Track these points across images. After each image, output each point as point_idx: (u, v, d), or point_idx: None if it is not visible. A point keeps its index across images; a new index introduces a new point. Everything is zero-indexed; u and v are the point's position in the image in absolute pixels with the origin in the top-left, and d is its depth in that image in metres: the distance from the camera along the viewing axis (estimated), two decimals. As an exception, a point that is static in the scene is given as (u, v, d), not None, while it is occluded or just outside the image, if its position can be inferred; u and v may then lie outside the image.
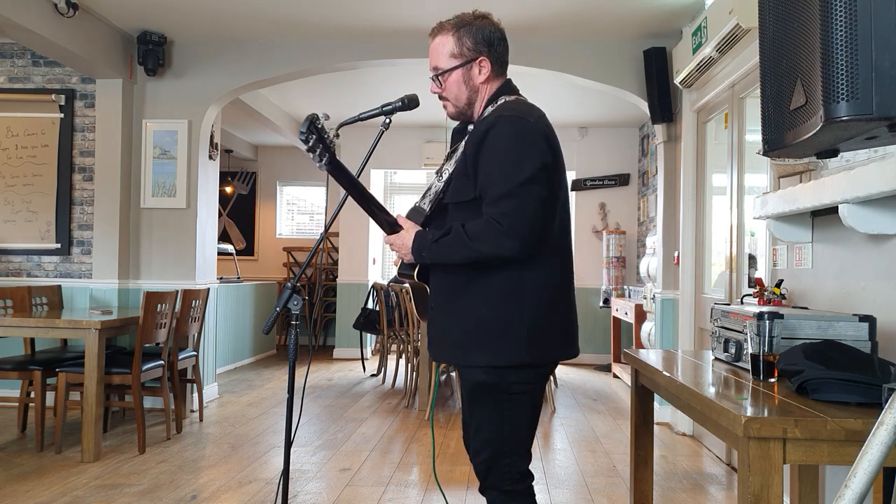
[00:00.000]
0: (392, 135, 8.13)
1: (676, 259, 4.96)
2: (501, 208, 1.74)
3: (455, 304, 1.88)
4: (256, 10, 4.68)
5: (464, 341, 1.86)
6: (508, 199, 1.74)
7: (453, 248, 1.79)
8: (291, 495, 3.40)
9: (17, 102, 5.35)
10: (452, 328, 1.89)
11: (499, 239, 1.73)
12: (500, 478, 1.91)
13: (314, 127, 1.74)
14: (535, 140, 1.80)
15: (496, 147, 1.78)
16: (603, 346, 8.14)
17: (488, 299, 1.83)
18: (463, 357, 1.88)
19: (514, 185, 1.74)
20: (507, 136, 1.78)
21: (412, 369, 5.78)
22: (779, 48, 1.32)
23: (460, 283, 1.86)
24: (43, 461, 3.85)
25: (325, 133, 1.77)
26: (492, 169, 1.78)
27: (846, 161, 2.35)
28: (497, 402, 1.87)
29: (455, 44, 1.92)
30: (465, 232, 1.77)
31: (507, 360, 1.82)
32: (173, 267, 5.24)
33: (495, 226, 1.73)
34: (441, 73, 1.94)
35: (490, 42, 1.92)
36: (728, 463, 4.04)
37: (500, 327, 1.82)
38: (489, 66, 1.93)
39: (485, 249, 1.75)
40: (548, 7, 4.55)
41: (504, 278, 1.82)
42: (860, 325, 2.03)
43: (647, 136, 7.56)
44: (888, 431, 1.10)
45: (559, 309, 1.90)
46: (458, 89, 1.95)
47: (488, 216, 1.75)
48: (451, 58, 1.93)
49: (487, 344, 1.83)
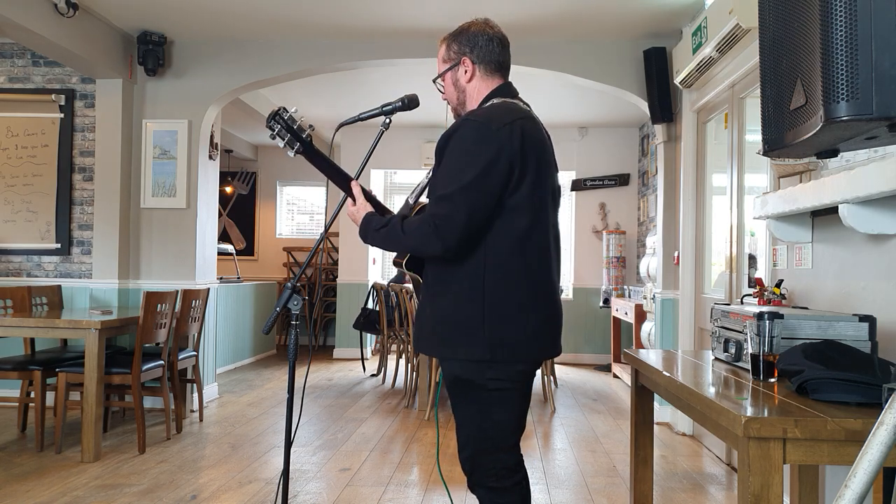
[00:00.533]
0: (392, 135, 8.14)
1: (676, 259, 4.96)
2: (435, 210, 1.83)
3: (433, 300, 1.95)
4: (256, 10, 4.68)
5: (437, 335, 1.93)
6: (444, 202, 1.82)
7: (388, 238, 1.92)
8: (291, 495, 3.40)
9: (17, 102, 5.35)
10: (428, 321, 1.96)
11: (426, 238, 1.83)
12: (485, 475, 1.92)
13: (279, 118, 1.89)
14: (488, 148, 1.82)
15: (451, 149, 1.87)
16: (603, 346, 8.14)
17: (457, 297, 1.89)
18: (437, 350, 1.95)
19: (453, 190, 1.81)
20: (462, 140, 1.86)
21: (412, 369, 5.78)
22: (779, 48, 1.32)
23: (436, 278, 1.95)
24: (43, 461, 3.85)
25: (295, 122, 1.92)
26: (442, 171, 1.87)
27: (846, 161, 2.35)
28: (475, 399, 1.90)
29: (445, 50, 2.06)
30: (402, 226, 1.88)
31: (472, 356, 1.87)
32: (173, 267, 5.24)
33: (427, 226, 1.83)
34: (436, 79, 2.10)
35: (474, 43, 2.01)
36: (728, 463, 4.04)
37: (464, 325, 1.88)
38: (472, 67, 2.02)
39: (412, 245, 1.88)
40: (548, 7, 4.55)
41: (468, 277, 1.88)
42: (860, 325, 2.03)
43: (647, 136, 7.56)
44: (888, 431, 1.10)
45: (529, 309, 1.88)
46: (449, 92, 2.08)
47: (425, 215, 1.86)
48: (442, 62, 2.07)
49: (454, 339, 1.89)
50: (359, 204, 2.03)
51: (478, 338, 1.85)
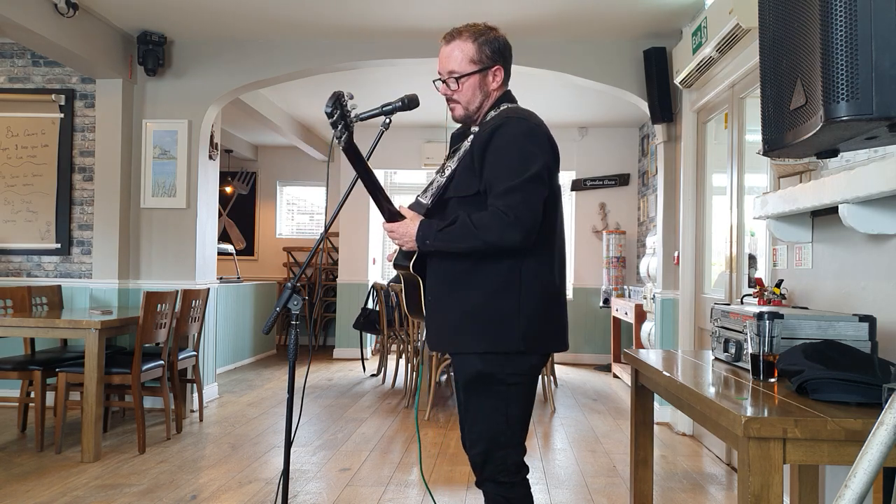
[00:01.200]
0: (392, 135, 8.12)
1: (676, 259, 4.96)
2: (507, 201, 1.83)
3: (454, 295, 1.95)
4: (256, 10, 4.68)
5: (462, 330, 1.94)
6: (514, 193, 1.83)
7: (459, 236, 1.87)
8: (291, 495, 3.40)
9: (17, 102, 5.35)
10: (452, 317, 1.96)
11: (504, 229, 1.82)
12: (496, 470, 1.96)
13: (339, 103, 1.82)
14: (541, 141, 1.92)
15: (505, 145, 1.89)
16: (603, 346, 8.14)
17: (488, 290, 1.91)
18: (460, 345, 1.95)
19: (521, 181, 1.84)
20: (516, 135, 1.90)
21: (412, 369, 5.78)
22: (779, 48, 1.32)
23: (459, 274, 1.94)
24: (43, 461, 3.85)
25: (348, 112, 1.84)
26: (499, 165, 1.87)
27: (846, 161, 2.35)
28: (494, 393, 1.94)
29: (476, 50, 2.02)
30: (472, 222, 1.85)
31: (504, 348, 1.90)
32: (173, 267, 5.24)
33: (502, 217, 1.82)
34: (459, 77, 2.02)
35: (504, 54, 2.06)
36: (728, 463, 4.04)
37: (498, 316, 1.90)
38: (502, 76, 2.06)
39: (490, 239, 1.84)
40: (548, 7, 4.55)
41: (503, 270, 1.91)
42: (860, 325, 2.03)
43: (647, 136, 7.56)
44: (888, 431, 1.10)
45: (553, 303, 1.98)
46: (472, 93, 2.04)
47: (495, 207, 1.84)
48: (470, 63, 2.02)
49: (485, 332, 1.91)
50: (409, 217, 1.97)
51: (513, 329, 1.89)
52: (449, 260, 1.95)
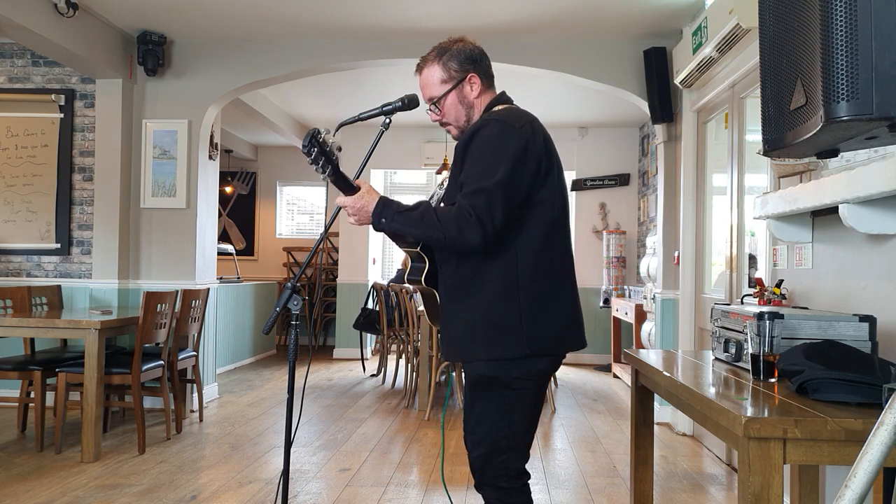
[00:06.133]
0: (392, 135, 8.12)
1: (676, 259, 4.96)
2: (472, 201, 1.82)
3: (460, 305, 1.96)
4: (257, 9, 4.68)
5: (468, 339, 1.94)
6: (480, 195, 1.83)
7: (418, 222, 1.85)
8: (291, 495, 3.40)
9: (17, 102, 5.35)
10: (459, 327, 1.96)
11: (464, 228, 1.81)
12: (496, 474, 1.95)
13: (315, 141, 1.84)
14: (515, 145, 1.88)
15: (479, 147, 1.89)
16: (603, 346, 8.14)
17: (489, 298, 1.91)
18: (467, 354, 1.95)
19: (489, 184, 1.83)
20: (490, 137, 1.89)
21: (412, 369, 5.78)
22: (779, 48, 1.32)
23: (463, 285, 1.95)
24: (43, 461, 3.85)
25: (327, 146, 1.87)
26: (473, 167, 1.88)
27: (846, 161, 2.35)
28: (498, 396, 1.93)
29: (442, 70, 2.03)
30: (435, 212, 1.85)
31: (509, 353, 1.89)
32: (173, 267, 5.24)
33: (466, 216, 1.82)
34: (437, 101, 2.05)
35: (473, 59, 2.05)
36: (728, 463, 4.04)
37: (501, 323, 1.90)
38: (479, 81, 2.05)
39: (450, 233, 1.83)
40: (548, 7, 4.55)
41: (502, 276, 1.90)
42: (860, 325, 2.03)
43: (647, 136, 7.56)
44: (888, 431, 1.10)
45: (558, 301, 1.96)
46: (456, 111, 2.06)
47: (460, 205, 1.84)
48: (442, 84, 2.05)
49: (488, 339, 1.90)
50: (364, 189, 1.92)
51: (515, 334, 1.89)
52: (452, 270, 1.96)
